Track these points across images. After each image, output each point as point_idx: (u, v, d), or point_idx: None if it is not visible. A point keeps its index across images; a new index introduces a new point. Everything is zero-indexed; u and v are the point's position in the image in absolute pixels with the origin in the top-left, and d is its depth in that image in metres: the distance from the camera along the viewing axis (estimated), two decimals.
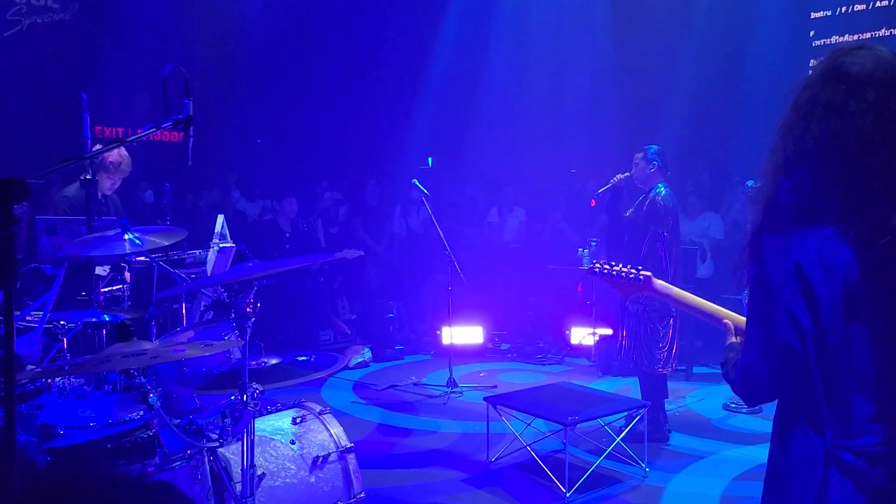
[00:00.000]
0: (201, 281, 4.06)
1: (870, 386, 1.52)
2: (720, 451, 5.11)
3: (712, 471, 4.76)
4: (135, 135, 2.65)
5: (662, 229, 5.11)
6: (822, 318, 1.53)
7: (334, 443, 3.43)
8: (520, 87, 10.65)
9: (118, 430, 2.54)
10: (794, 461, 1.63)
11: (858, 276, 1.50)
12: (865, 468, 1.53)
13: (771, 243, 1.59)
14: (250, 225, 8.45)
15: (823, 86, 1.56)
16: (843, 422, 1.55)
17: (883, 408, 1.52)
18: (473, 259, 7.95)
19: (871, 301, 1.50)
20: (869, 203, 1.50)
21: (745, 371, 1.68)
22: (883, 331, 1.51)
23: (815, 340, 1.55)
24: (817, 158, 1.54)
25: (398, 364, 7.86)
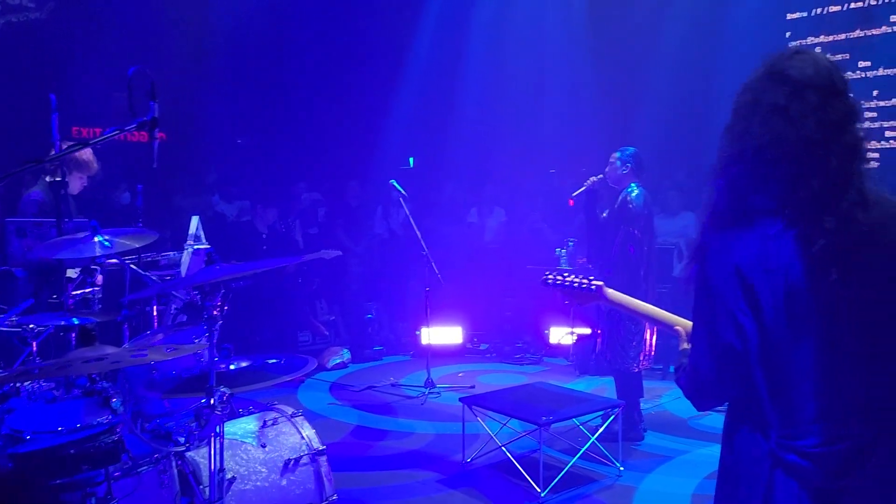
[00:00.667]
0: (172, 283, 4.05)
1: (812, 386, 1.54)
2: (693, 449, 5.15)
3: (684, 470, 4.79)
4: (100, 136, 2.63)
5: (634, 229, 5.15)
6: (763, 320, 1.55)
7: (306, 445, 3.42)
8: (499, 88, 10.66)
9: (84, 434, 2.52)
10: (742, 462, 1.65)
11: (800, 277, 1.51)
12: (810, 468, 1.55)
13: (712, 244, 1.61)
14: (227, 226, 8.41)
15: (765, 88, 1.58)
16: (788, 423, 1.57)
17: (825, 408, 1.54)
18: (453, 259, 7.95)
19: (812, 302, 1.52)
20: (808, 204, 1.52)
21: (692, 372, 1.70)
22: (824, 332, 1.53)
23: (758, 341, 1.57)
24: (757, 159, 1.55)
25: (377, 365, 7.85)
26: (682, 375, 1.75)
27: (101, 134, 2.59)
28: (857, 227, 1.50)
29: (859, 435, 1.54)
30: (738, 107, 1.62)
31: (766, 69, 1.60)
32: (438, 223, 8.94)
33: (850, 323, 1.52)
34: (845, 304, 1.51)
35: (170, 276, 4.85)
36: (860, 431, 1.54)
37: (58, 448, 2.47)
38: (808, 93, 1.54)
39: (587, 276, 2.24)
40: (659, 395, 6.32)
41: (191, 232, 4.73)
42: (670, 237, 7.97)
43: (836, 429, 1.54)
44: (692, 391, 1.73)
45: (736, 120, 1.61)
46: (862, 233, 1.50)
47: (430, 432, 5.61)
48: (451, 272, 7.20)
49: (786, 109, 1.54)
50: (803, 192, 1.52)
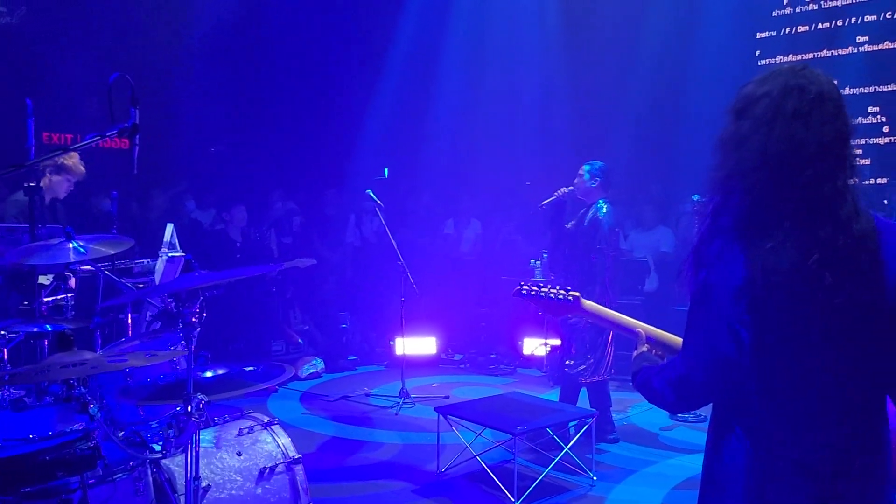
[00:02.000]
0: (147, 290, 4.02)
1: (803, 393, 1.58)
2: (662, 460, 5.21)
3: (654, 481, 4.84)
4: (80, 142, 2.62)
5: (602, 245, 5.24)
6: (764, 332, 1.58)
7: (282, 454, 3.41)
8: (475, 100, 10.73)
9: (58, 441, 2.49)
10: (731, 470, 1.65)
11: (799, 288, 1.55)
12: (801, 475, 1.58)
13: (715, 255, 1.63)
14: (201, 234, 8.35)
15: (785, 97, 1.61)
16: (779, 429, 1.60)
17: (815, 414, 1.58)
18: (428, 270, 7.97)
19: (810, 313, 1.56)
20: (811, 212, 1.57)
21: (679, 380, 1.71)
22: (817, 338, 1.57)
23: (755, 352, 1.59)
24: (781, 164, 1.59)
25: (351, 375, 7.84)
26: (659, 382, 1.76)
27: (79, 139, 2.58)
28: (850, 236, 1.56)
29: (846, 440, 1.57)
30: (757, 111, 1.63)
31: (784, 81, 1.63)
32: (414, 234, 8.96)
33: (839, 332, 1.56)
34: (835, 314, 1.55)
35: (143, 283, 4.82)
36: (847, 437, 1.58)
37: (32, 455, 2.44)
38: (827, 103, 1.59)
39: (564, 287, 2.21)
40: (626, 408, 6.38)
41: (165, 239, 4.70)
42: (644, 251, 8.08)
43: (825, 435, 1.57)
44: (675, 399, 1.74)
45: (757, 124, 1.62)
46: (853, 241, 1.56)
47: (405, 442, 5.61)
48: (426, 283, 7.22)
49: (808, 115, 1.58)
50: (812, 199, 1.57)
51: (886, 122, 9.03)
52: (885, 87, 9.04)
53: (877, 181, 8.63)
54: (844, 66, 8.96)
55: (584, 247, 5.31)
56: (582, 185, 5.44)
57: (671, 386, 1.74)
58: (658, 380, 1.77)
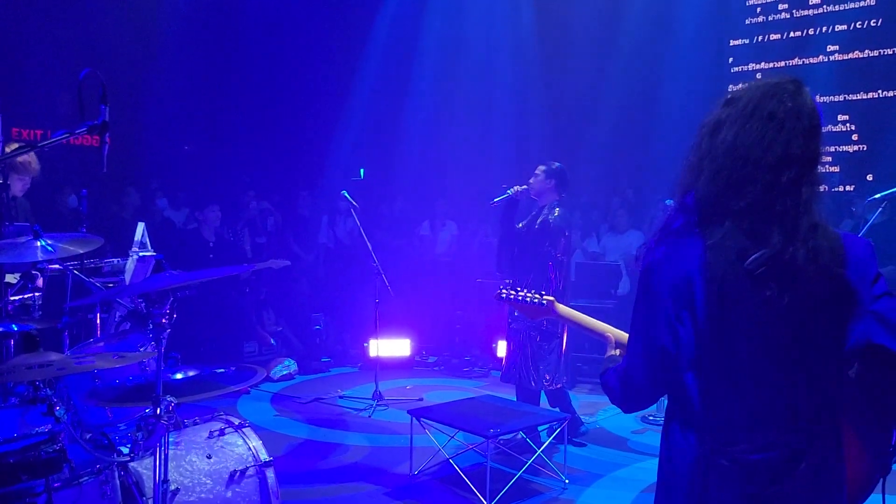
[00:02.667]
0: (116, 290, 3.95)
1: (743, 394, 1.61)
2: (631, 463, 5.24)
3: (623, 484, 4.87)
4: (49, 139, 2.57)
5: (555, 250, 5.24)
6: (700, 328, 1.60)
7: (253, 457, 3.37)
8: (450, 101, 10.76)
9: (22, 444, 2.45)
10: (677, 465, 1.69)
11: (735, 288, 1.58)
12: (742, 474, 1.60)
13: (658, 253, 1.67)
14: (174, 234, 8.26)
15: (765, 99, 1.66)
16: (721, 428, 1.62)
17: (757, 416, 1.60)
18: (403, 272, 7.96)
19: (745, 313, 1.59)
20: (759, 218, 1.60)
21: (624, 374, 1.75)
22: (756, 342, 1.59)
23: (692, 349, 1.62)
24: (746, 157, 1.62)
25: (324, 376, 7.79)
26: (613, 378, 1.80)
27: (49, 136, 2.53)
28: (802, 247, 1.58)
29: (789, 443, 1.60)
30: (740, 103, 1.67)
31: (765, 87, 1.67)
32: (389, 235, 8.95)
33: (781, 335, 1.59)
34: (777, 317, 1.58)
35: (113, 282, 4.75)
36: (790, 439, 1.60)
37: None
38: (803, 119, 1.64)
39: (539, 292, 2.35)
40: (594, 412, 6.41)
41: (136, 238, 4.64)
42: (616, 255, 8.13)
43: (767, 436, 1.60)
44: (621, 394, 1.78)
45: (736, 113, 1.66)
46: (805, 253, 1.58)
47: (377, 445, 5.59)
48: (401, 284, 7.21)
49: (783, 122, 1.62)
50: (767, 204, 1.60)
51: (855, 130, 9.19)
52: (854, 96, 9.21)
53: (845, 188, 8.77)
54: (815, 74, 9.12)
55: (531, 249, 5.29)
56: (537, 184, 5.40)
57: (620, 385, 1.78)
58: (613, 378, 1.81)
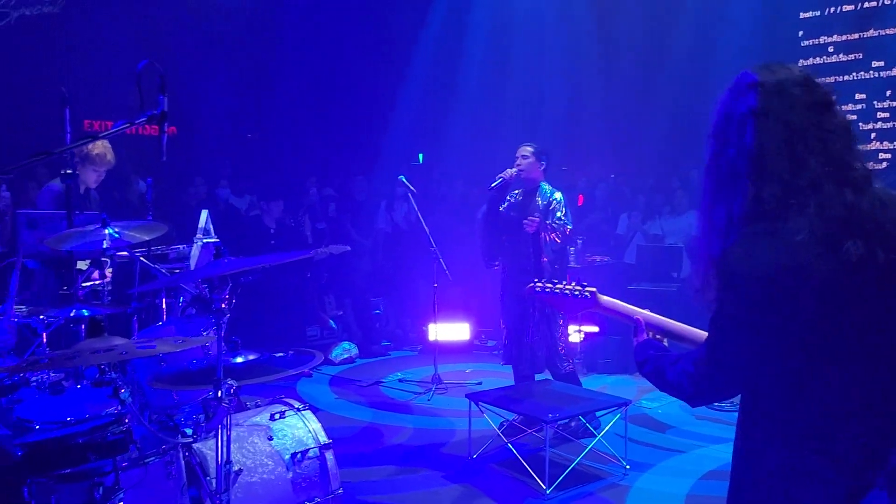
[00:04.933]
0: (180, 276, 4.07)
1: (840, 389, 1.54)
2: (691, 450, 5.14)
3: (681, 470, 4.78)
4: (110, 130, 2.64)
5: (559, 232, 5.25)
6: (794, 321, 1.53)
7: (313, 439, 3.43)
8: (507, 84, 10.66)
9: (92, 425, 2.55)
10: (758, 463, 1.62)
11: (834, 278, 1.51)
12: (833, 476, 1.54)
13: (740, 251, 1.58)
14: (237, 220, 8.44)
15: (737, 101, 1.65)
16: (811, 422, 1.56)
17: (853, 410, 1.54)
18: (462, 256, 7.96)
19: (843, 305, 1.51)
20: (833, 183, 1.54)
21: (704, 374, 1.67)
22: (855, 337, 1.52)
23: (788, 348, 1.55)
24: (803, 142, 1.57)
25: (384, 360, 7.88)
26: (675, 373, 1.73)
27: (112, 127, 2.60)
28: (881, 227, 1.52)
29: (884, 434, 1.53)
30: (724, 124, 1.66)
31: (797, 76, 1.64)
32: (447, 219, 8.94)
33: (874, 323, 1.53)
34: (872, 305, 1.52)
35: (178, 268, 4.88)
36: (883, 430, 1.53)
37: (66, 438, 2.50)
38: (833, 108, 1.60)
39: (579, 284, 2.16)
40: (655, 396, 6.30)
41: (200, 225, 4.75)
42: (677, 237, 7.95)
43: (859, 428, 1.53)
44: (695, 389, 1.70)
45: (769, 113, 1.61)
46: (885, 233, 1.52)
47: (436, 428, 5.63)
48: (459, 269, 7.20)
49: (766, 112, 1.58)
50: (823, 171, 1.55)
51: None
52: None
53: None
54: (892, 47, 8.67)
55: (532, 235, 5.27)
56: (529, 166, 5.36)
57: (690, 379, 1.70)
58: (673, 372, 1.74)
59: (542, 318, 5.34)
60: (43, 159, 2.47)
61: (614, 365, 7.16)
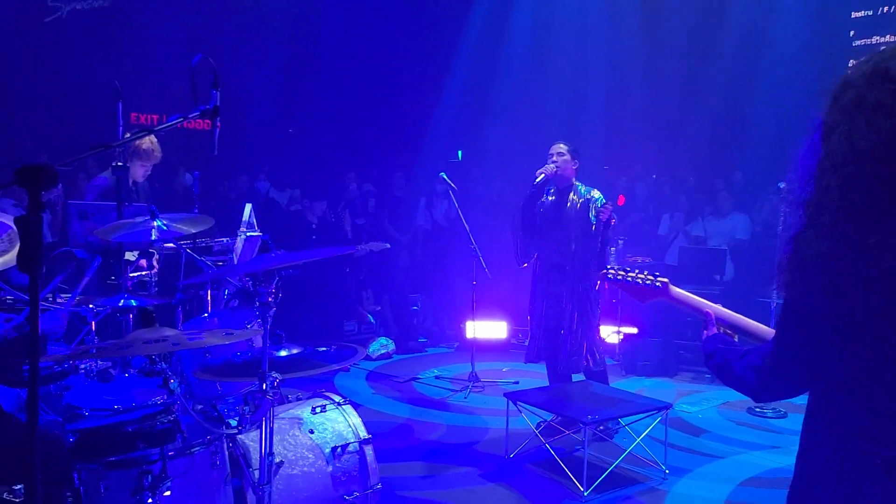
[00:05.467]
0: (226, 269, 4.12)
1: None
2: (730, 456, 5.06)
3: (720, 476, 4.72)
4: (164, 123, 2.69)
5: (608, 229, 5.25)
6: (866, 330, 1.51)
7: (353, 433, 3.46)
8: (549, 82, 10.59)
9: (140, 413, 2.59)
10: (823, 465, 1.61)
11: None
12: (890, 476, 1.51)
13: (818, 255, 1.54)
14: (279, 214, 8.54)
15: (869, 86, 1.51)
16: (875, 425, 1.53)
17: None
18: (501, 254, 7.93)
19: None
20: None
21: (770, 368, 1.67)
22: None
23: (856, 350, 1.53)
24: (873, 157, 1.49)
25: (421, 356, 7.90)
26: (742, 365, 1.73)
27: (164, 121, 2.64)
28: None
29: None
30: (841, 104, 1.54)
31: (869, 67, 1.53)
32: (487, 217, 8.93)
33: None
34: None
35: (222, 261, 4.95)
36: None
37: (116, 425, 2.55)
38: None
39: (652, 273, 2.21)
40: (698, 400, 6.22)
41: (244, 219, 4.81)
42: (719, 239, 7.83)
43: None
44: (759, 383, 1.70)
45: (840, 118, 1.54)
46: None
47: (473, 426, 5.62)
48: (498, 267, 7.19)
49: (892, 110, 1.47)
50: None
51: None
52: None
53: None
54: None
55: (582, 230, 5.26)
56: (564, 164, 5.33)
57: (756, 373, 1.70)
58: (739, 365, 1.74)
59: (579, 317, 5.30)
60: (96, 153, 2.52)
61: (653, 367, 7.09)
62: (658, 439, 4.78)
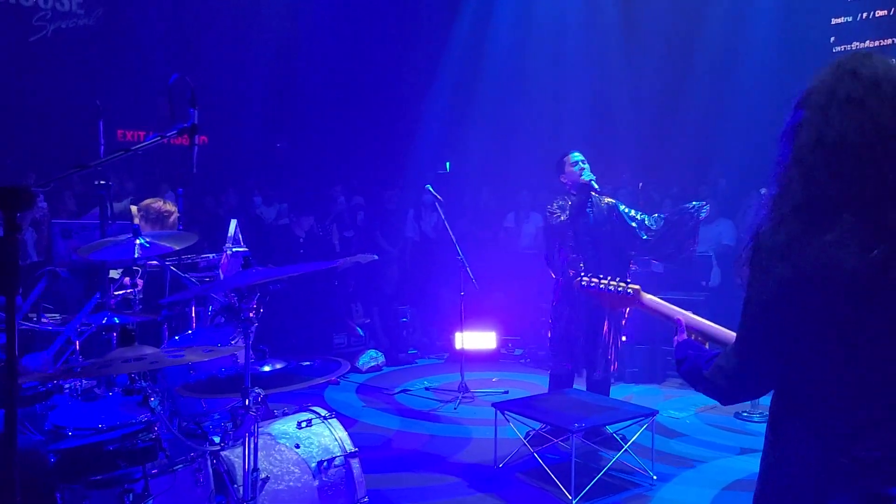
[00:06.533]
0: (210, 286, 4.12)
1: (871, 392, 1.53)
2: (713, 460, 5.09)
3: (703, 480, 4.74)
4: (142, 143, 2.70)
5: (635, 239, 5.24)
6: (827, 326, 1.54)
7: (339, 447, 3.46)
8: (531, 92, 10.66)
9: (122, 432, 2.59)
10: (795, 466, 1.62)
11: (863, 279, 1.49)
12: (864, 473, 1.53)
13: (779, 246, 1.57)
14: (266, 229, 8.54)
15: (839, 82, 1.57)
16: (844, 425, 1.55)
17: (881, 411, 1.53)
18: (488, 264, 7.96)
19: (874, 305, 1.50)
20: (881, 200, 1.50)
21: (737, 368, 1.68)
22: (886, 336, 1.51)
23: (818, 347, 1.55)
24: (838, 147, 1.53)
25: (410, 368, 7.90)
26: (709, 367, 1.74)
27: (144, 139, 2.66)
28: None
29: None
30: (811, 102, 1.60)
31: (838, 68, 1.59)
32: (474, 228, 8.96)
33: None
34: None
35: (209, 277, 4.95)
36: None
37: (98, 445, 2.55)
38: (883, 86, 1.54)
39: (623, 280, 2.23)
40: (687, 406, 6.25)
41: (230, 234, 4.81)
42: (705, 245, 7.87)
43: (890, 433, 1.52)
44: (728, 384, 1.71)
45: (809, 115, 1.59)
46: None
47: (462, 436, 5.63)
48: (486, 277, 7.21)
49: (862, 100, 1.53)
50: (874, 187, 1.50)
51: None
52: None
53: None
54: None
55: (619, 241, 5.26)
56: (584, 174, 5.33)
57: (724, 375, 1.71)
58: (708, 368, 1.75)
59: (612, 324, 5.29)
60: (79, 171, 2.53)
61: (641, 374, 7.11)
62: (645, 446, 4.80)
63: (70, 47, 10.01)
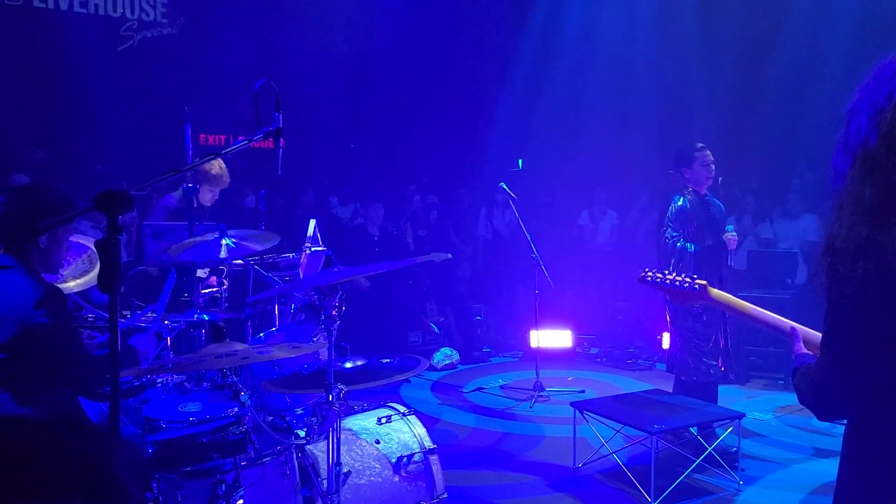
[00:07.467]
0: (292, 284, 4.23)
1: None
2: (800, 464, 4.94)
3: (790, 484, 4.60)
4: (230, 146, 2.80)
5: None
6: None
7: (418, 443, 3.50)
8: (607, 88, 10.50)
9: (214, 425, 2.69)
10: (876, 482, 1.56)
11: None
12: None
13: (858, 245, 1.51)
14: (341, 229, 8.69)
15: None
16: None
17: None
18: (563, 262, 7.90)
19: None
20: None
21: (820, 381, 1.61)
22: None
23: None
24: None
25: (485, 366, 7.91)
26: (804, 381, 1.65)
27: (229, 143, 2.75)
28: None
29: None
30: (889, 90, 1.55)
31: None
32: (548, 225, 8.90)
33: None
34: None
35: (289, 276, 5.08)
36: None
37: (191, 437, 2.65)
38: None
39: (690, 276, 2.15)
40: (771, 407, 6.05)
41: (309, 234, 4.92)
42: (790, 241, 7.62)
43: None
44: (815, 399, 1.63)
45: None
46: None
47: (540, 435, 5.61)
48: (561, 275, 7.15)
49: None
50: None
51: None
52: None
53: None
54: None
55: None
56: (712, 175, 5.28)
57: (812, 388, 1.63)
58: (805, 382, 1.66)
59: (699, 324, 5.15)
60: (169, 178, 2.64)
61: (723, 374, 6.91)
62: (730, 448, 4.67)
63: (155, 55, 10.42)
